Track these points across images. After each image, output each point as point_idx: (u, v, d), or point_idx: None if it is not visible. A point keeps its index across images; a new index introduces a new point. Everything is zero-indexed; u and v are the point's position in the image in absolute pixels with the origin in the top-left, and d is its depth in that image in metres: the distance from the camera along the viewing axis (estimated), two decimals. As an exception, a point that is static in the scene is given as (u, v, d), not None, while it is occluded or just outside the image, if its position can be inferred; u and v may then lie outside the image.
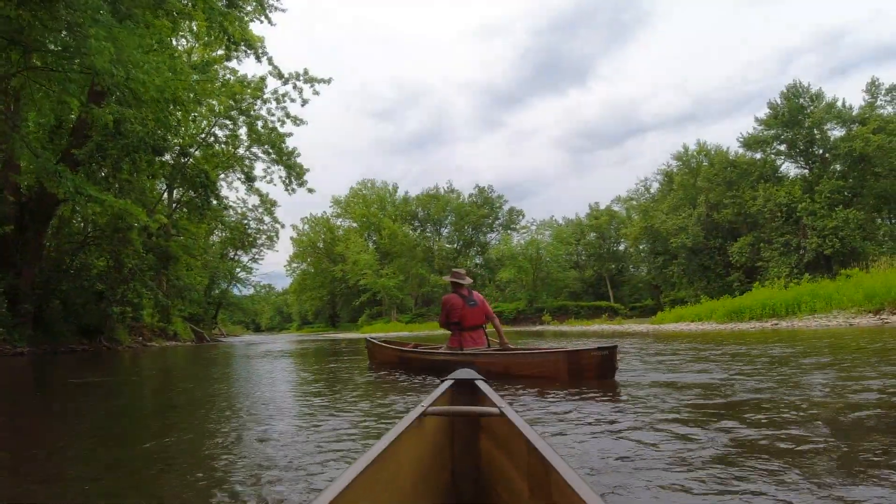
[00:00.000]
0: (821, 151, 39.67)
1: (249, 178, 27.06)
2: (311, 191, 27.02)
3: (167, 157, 20.56)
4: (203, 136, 23.91)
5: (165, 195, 26.84)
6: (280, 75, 20.82)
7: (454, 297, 6.37)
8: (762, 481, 1.91)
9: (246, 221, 40.41)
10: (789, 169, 42.90)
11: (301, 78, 21.38)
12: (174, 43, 17.04)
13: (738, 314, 15.91)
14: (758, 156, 43.46)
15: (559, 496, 1.10)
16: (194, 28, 21.76)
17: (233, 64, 21.77)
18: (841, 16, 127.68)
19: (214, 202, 22.88)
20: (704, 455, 2.27)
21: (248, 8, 17.03)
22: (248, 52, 18.58)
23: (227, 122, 23.53)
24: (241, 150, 26.44)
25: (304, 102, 22.14)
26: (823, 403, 3.35)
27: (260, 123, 23.77)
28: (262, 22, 17.84)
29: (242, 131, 24.69)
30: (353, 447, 2.70)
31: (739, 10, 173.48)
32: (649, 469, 2.11)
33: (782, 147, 41.80)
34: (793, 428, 2.71)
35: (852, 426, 2.75)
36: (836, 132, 38.80)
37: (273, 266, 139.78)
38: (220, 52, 21.12)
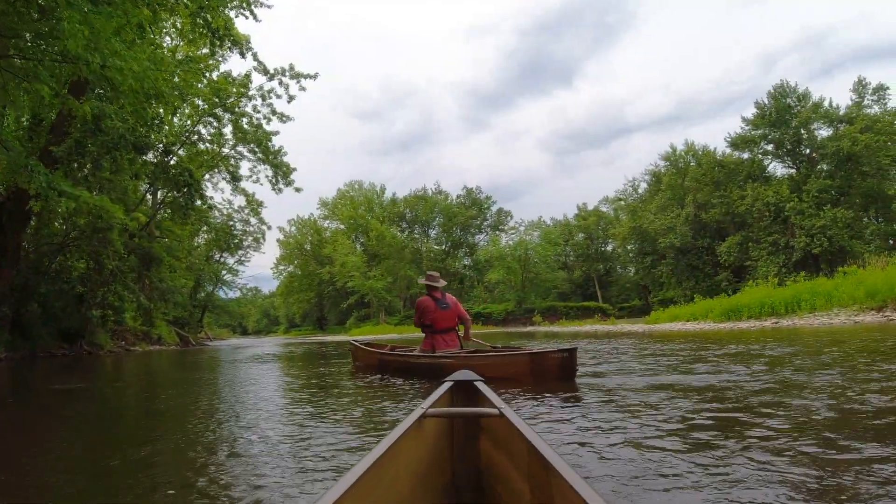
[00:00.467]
0: (808, 151, 39.85)
1: (235, 178, 26.41)
2: (298, 190, 26.52)
3: (150, 155, 20.00)
4: (187, 134, 23.32)
5: (150, 196, 26.23)
6: (265, 71, 20.26)
7: (427, 299, 6.50)
8: (773, 490, 1.82)
9: (232, 223, 39.83)
10: (776, 169, 43.13)
11: (287, 73, 20.84)
12: (156, 39, 16.50)
13: (735, 313, 15.70)
14: (745, 156, 43.60)
15: (560, 497, 1.10)
16: (178, 25, 21.28)
17: (217, 59, 21.10)
18: (827, 16, 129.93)
19: (199, 202, 22.30)
20: (707, 460, 2.20)
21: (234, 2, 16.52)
22: (233, 48, 18.08)
23: (212, 119, 22.96)
24: (226, 150, 25.89)
25: (291, 99, 21.62)
26: (842, 409, 3.08)
27: (245, 120, 23.24)
28: (246, 17, 17.36)
29: (227, 129, 24.18)
30: (337, 454, 2.63)
31: (728, 11, 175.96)
32: (649, 472, 2.08)
33: (769, 147, 41.95)
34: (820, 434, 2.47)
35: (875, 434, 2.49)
36: (823, 132, 39.01)
37: (260, 268, 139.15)
38: (205, 50, 20.63)
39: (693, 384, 4.35)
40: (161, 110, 18.89)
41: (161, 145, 20.07)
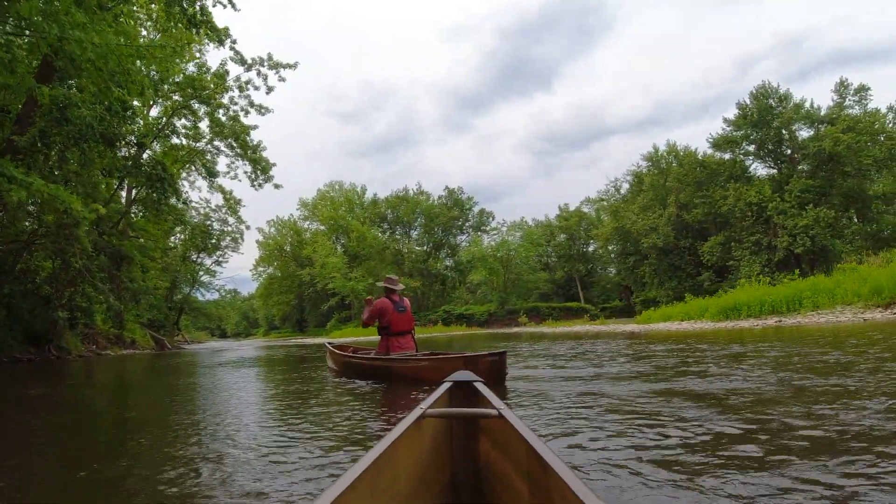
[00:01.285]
0: (789, 151, 40.01)
1: (211, 174, 25.23)
2: (277, 186, 25.66)
3: (123, 150, 19.06)
4: (161, 126, 22.31)
5: (124, 194, 25.15)
6: (243, 61, 19.33)
7: (387, 300, 6.64)
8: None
9: (209, 222, 38.74)
10: (758, 169, 43.30)
11: (265, 63, 20.01)
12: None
13: (734, 312, 15.32)
14: (727, 156, 43.65)
15: (558, 497, 1.10)
16: (154, 16, 20.43)
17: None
18: (805, 20, 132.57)
19: (174, 199, 21.33)
20: (711, 467, 2.10)
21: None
22: (210, 35, 17.26)
23: (186, 111, 22.00)
24: (201, 144, 24.88)
25: (269, 90, 20.70)
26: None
27: (221, 112, 22.30)
28: (224, 6, 16.59)
29: (204, 124, 23.24)
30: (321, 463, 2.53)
31: (703, 17, 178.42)
32: (652, 479, 1.99)
33: (751, 147, 42.07)
34: None
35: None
36: (804, 132, 39.20)
37: (238, 270, 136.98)
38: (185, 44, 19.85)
39: (705, 388, 4.06)
40: (137, 102, 18.04)
41: (133, 138, 19.09)
